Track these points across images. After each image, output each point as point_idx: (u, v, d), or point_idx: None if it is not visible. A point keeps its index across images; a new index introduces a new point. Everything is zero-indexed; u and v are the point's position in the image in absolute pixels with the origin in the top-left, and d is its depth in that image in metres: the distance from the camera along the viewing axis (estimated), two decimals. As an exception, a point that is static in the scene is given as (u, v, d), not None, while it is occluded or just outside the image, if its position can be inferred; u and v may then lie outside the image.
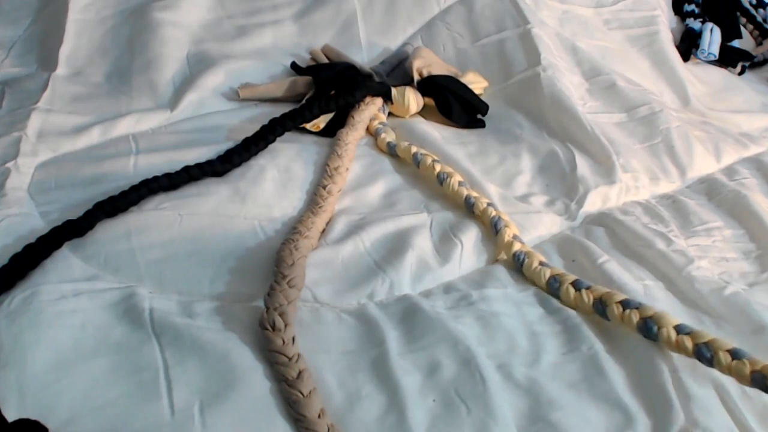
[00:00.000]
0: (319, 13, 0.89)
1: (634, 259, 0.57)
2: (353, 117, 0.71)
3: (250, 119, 0.72)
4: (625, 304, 0.47)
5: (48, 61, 0.80)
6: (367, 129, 0.72)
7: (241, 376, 0.42)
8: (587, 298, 0.49)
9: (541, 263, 0.53)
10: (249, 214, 0.57)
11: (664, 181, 0.69)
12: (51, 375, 0.41)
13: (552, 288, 0.51)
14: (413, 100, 0.75)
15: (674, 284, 0.54)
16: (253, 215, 0.57)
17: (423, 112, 0.78)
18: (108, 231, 0.54)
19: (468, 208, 0.59)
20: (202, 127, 0.71)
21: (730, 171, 0.72)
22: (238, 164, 0.63)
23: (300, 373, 0.41)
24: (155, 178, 0.58)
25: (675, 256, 0.56)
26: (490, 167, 0.69)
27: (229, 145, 0.66)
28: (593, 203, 0.64)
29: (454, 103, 0.75)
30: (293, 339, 0.44)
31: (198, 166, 0.61)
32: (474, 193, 0.60)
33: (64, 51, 0.80)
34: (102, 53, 0.81)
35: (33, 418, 0.37)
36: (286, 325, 0.44)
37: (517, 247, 0.55)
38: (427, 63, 0.79)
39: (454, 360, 0.44)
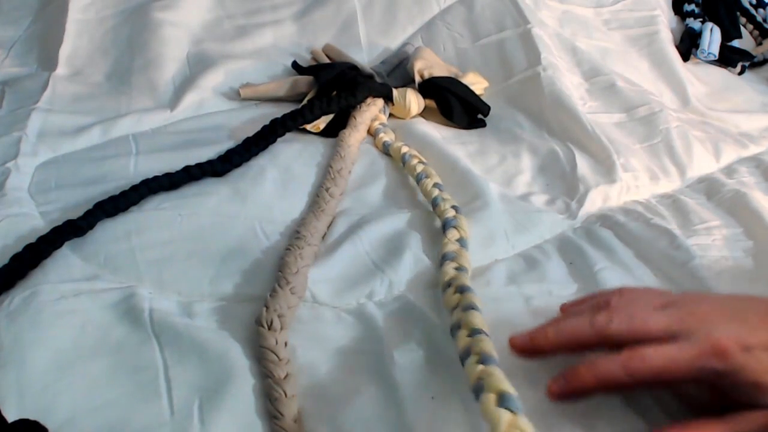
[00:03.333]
0: (319, 12, 0.89)
1: (637, 258, 0.57)
2: (355, 118, 0.71)
3: (251, 119, 0.72)
4: (483, 359, 0.40)
5: (48, 61, 0.80)
6: (368, 130, 0.72)
7: (240, 374, 0.42)
8: (459, 340, 0.43)
9: (458, 267, 0.50)
10: (249, 215, 0.57)
11: (664, 181, 0.69)
12: (51, 375, 0.41)
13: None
14: (414, 101, 0.75)
15: (678, 284, 0.54)
16: (253, 216, 0.57)
17: (424, 114, 0.78)
18: (108, 231, 0.54)
19: (433, 209, 0.59)
20: (203, 127, 0.72)
21: (729, 170, 0.72)
22: (239, 164, 0.63)
23: (287, 375, 0.42)
24: (155, 178, 0.59)
25: (677, 253, 0.56)
26: (490, 167, 0.69)
27: (229, 145, 0.66)
28: (594, 202, 0.64)
29: (455, 105, 0.75)
30: (286, 344, 0.44)
31: (198, 165, 0.61)
32: (445, 196, 0.59)
33: (64, 51, 0.80)
34: (102, 53, 0.81)
35: (33, 418, 0.37)
36: (282, 328, 0.44)
37: (450, 248, 0.53)
38: (428, 64, 0.79)
39: (454, 358, 0.44)
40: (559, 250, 0.58)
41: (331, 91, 0.74)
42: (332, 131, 0.70)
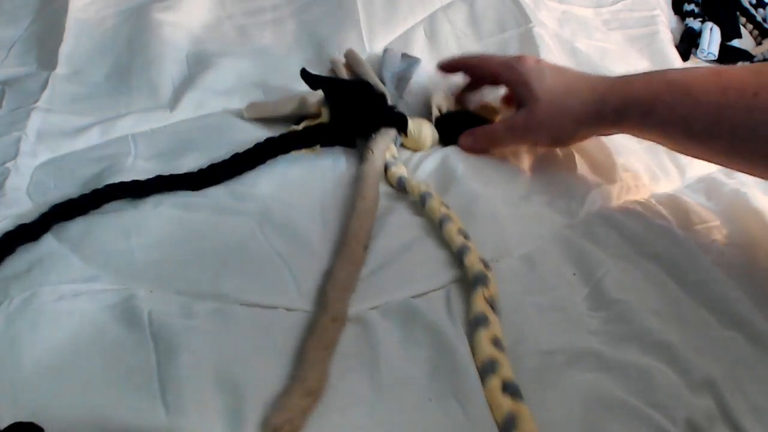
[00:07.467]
0: (318, 8, 0.89)
1: (640, 256, 0.57)
2: (372, 152, 0.65)
3: (251, 119, 0.72)
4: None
5: (48, 60, 0.80)
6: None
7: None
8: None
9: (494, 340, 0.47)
10: (249, 215, 0.57)
11: (664, 181, 0.69)
12: (47, 376, 0.41)
13: None
14: (429, 136, 0.70)
15: (680, 281, 0.54)
16: (253, 216, 0.57)
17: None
18: (107, 231, 0.54)
19: (457, 258, 0.54)
20: (202, 128, 0.71)
21: (728, 170, 0.72)
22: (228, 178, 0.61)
23: None
24: (155, 178, 0.59)
25: (677, 251, 0.56)
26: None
27: (229, 146, 0.65)
28: (594, 202, 0.64)
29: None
30: None
31: (201, 172, 0.61)
32: (470, 244, 0.55)
33: (64, 50, 0.80)
34: (102, 53, 0.81)
35: (28, 419, 0.37)
36: None
37: (480, 308, 0.49)
38: (446, 97, 0.74)
39: (454, 363, 0.44)
40: (559, 252, 0.58)
41: (342, 113, 0.69)
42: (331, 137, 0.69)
